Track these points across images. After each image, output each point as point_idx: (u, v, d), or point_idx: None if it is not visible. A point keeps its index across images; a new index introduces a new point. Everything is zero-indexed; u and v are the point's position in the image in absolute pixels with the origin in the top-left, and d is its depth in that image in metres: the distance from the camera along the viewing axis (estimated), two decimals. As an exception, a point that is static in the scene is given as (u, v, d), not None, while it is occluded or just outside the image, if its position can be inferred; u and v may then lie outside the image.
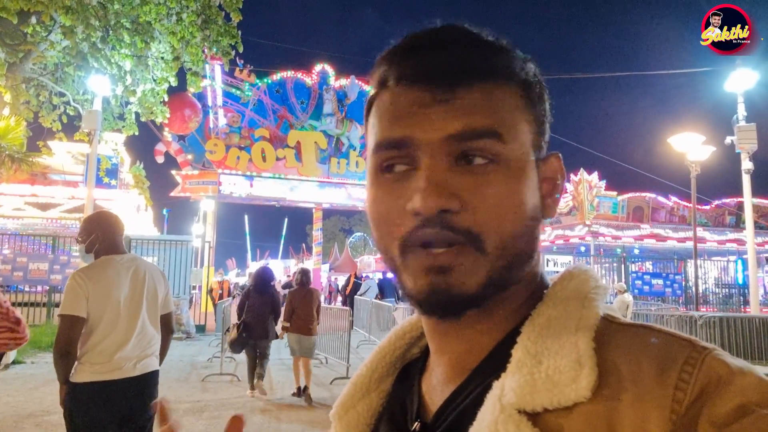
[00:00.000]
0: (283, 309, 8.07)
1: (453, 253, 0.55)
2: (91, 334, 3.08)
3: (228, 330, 8.50)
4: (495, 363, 0.58)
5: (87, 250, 3.25)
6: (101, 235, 3.23)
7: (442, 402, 0.61)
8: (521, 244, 0.58)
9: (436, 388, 0.65)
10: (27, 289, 14.49)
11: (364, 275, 21.91)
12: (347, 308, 11.62)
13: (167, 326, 3.45)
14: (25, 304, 13.48)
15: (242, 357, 10.23)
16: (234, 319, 9.32)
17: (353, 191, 23.39)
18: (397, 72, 0.60)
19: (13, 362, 9.49)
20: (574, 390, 0.50)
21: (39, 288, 14.40)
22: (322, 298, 10.44)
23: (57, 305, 13.96)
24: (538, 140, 0.62)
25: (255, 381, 7.80)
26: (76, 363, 3.08)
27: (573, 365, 0.52)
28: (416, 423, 0.63)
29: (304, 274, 8.31)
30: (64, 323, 3.02)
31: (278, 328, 8.18)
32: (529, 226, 0.59)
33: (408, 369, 0.73)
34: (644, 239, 23.46)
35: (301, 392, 7.72)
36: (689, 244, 17.06)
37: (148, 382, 3.19)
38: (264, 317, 7.92)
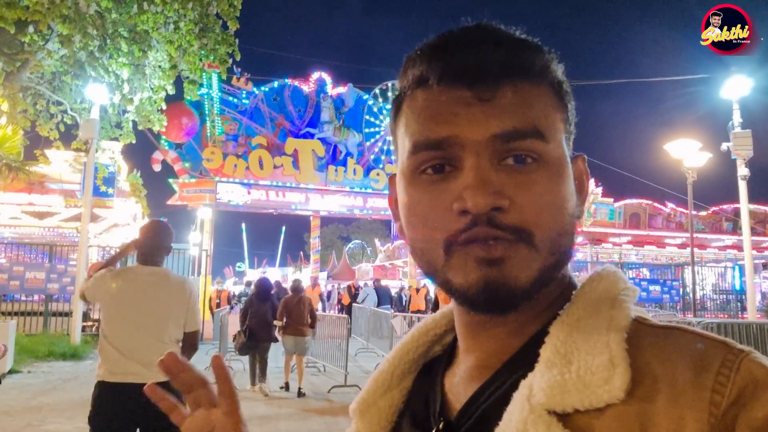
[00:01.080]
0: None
1: (506, 246, 0.54)
2: (105, 336, 3.23)
3: (234, 337, 9.31)
4: (521, 362, 0.58)
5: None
6: (138, 245, 3.40)
7: (466, 400, 0.61)
8: (566, 241, 0.58)
9: (460, 386, 0.64)
10: (24, 298, 14.44)
11: (361, 284, 21.93)
12: (345, 316, 11.68)
13: (191, 343, 3.46)
14: (22, 314, 13.43)
15: (239, 366, 10.31)
16: (233, 326, 10.22)
17: (351, 199, 23.40)
18: (437, 71, 0.58)
19: (10, 371, 9.45)
20: (607, 391, 0.49)
21: (36, 297, 14.35)
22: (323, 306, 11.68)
23: (54, 314, 13.93)
24: (569, 140, 0.62)
25: (258, 384, 8.65)
26: (98, 360, 3.24)
27: (606, 366, 0.51)
28: (440, 422, 0.62)
29: (299, 283, 9.61)
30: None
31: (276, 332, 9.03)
32: (572, 224, 0.59)
33: (430, 367, 0.73)
34: (642, 245, 23.51)
35: (288, 387, 8.75)
36: (686, 250, 17.12)
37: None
38: (267, 322, 8.83)
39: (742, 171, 12.32)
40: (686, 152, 14.02)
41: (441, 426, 0.62)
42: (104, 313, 3.28)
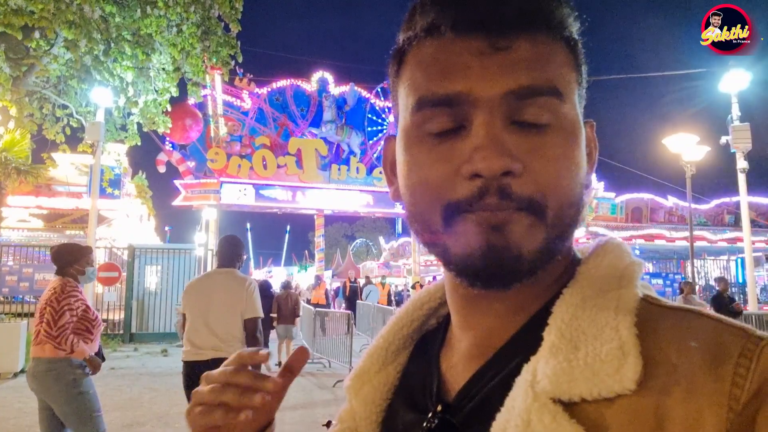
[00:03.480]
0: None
1: (511, 213, 0.51)
2: (189, 325, 4.17)
3: None
4: (522, 344, 0.54)
5: None
6: (218, 253, 4.41)
7: (464, 382, 0.58)
8: (574, 212, 0.54)
9: (458, 366, 0.61)
10: (33, 299, 14.62)
11: (357, 280, 22.14)
12: (348, 312, 11.99)
13: (250, 331, 4.12)
14: (32, 314, 13.59)
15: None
16: None
17: (354, 197, 23.51)
18: (451, 17, 0.53)
19: (21, 371, 9.61)
20: (618, 381, 0.46)
21: (45, 298, 14.51)
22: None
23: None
24: (581, 104, 0.58)
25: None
26: (184, 344, 4.26)
27: (615, 353, 0.47)
28: (438, 405, 0.59)
29: (288, 282, 12.31)
30: (180, 318, 4.52)
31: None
32: (581, 194, 0.55)
33: (425, 341, 0.70)
34: (644, 239, 23.59)
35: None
36: (697, 243, 17.22)
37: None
38: (266, 314, 10.44)
39: (741, 164, 12.43)
40: (684, 146, 14.13)
41: (438, 408, 0.58)
42: (187, 307, 4.21)
